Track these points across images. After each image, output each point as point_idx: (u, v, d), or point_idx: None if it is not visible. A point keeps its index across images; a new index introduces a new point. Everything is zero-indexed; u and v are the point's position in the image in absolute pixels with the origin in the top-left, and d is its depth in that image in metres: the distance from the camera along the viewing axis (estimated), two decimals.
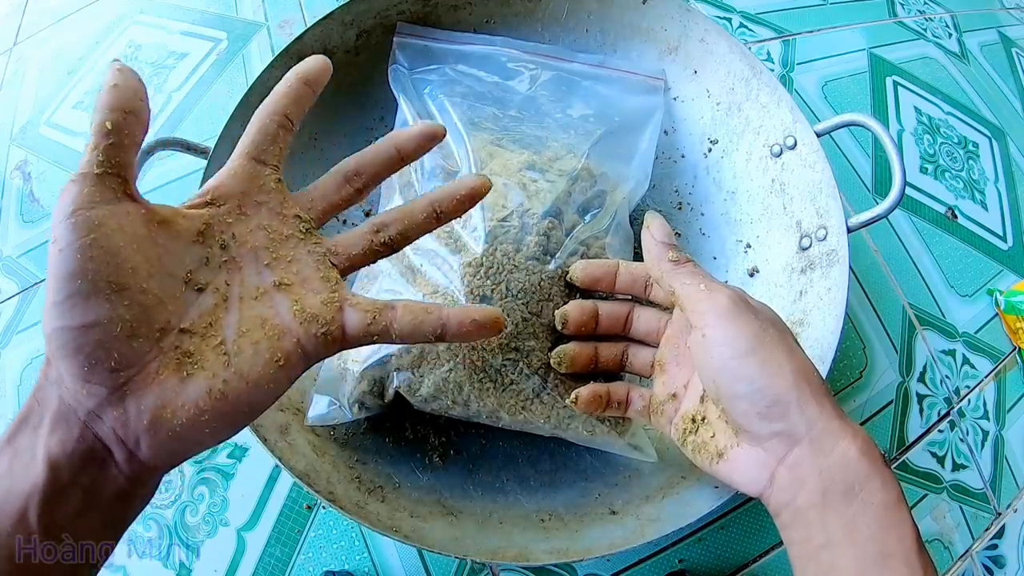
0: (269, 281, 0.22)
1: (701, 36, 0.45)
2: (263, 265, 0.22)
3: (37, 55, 0.68)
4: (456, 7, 0.46)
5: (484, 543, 0.34)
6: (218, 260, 0.22)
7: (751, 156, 0.44)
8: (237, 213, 0.22)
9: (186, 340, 0.20)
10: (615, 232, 0.39)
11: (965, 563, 0.51)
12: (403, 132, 0.26)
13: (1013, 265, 0.63)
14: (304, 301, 0.22)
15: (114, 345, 0.18)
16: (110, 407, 0.19)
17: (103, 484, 0.19)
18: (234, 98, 0.40)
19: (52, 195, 0.59)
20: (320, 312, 0.22)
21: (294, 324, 0.21)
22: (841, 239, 0.38)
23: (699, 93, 0.46)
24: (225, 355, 0.20)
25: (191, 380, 0.19)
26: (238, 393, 0.20)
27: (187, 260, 0.21)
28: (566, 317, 0.34)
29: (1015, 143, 0.70)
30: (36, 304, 0.54)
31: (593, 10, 0.47)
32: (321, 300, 0.22)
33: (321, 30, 0.42)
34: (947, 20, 0.77)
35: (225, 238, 0.22)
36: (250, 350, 0.20)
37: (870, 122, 0.38)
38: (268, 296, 0.22)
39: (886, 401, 0.54)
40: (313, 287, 0.22)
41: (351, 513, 0.32)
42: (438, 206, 0.25)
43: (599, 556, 0.33)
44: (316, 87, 0.25)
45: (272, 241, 0.23)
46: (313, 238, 0.24)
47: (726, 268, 0.44)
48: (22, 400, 0.51)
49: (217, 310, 0.21)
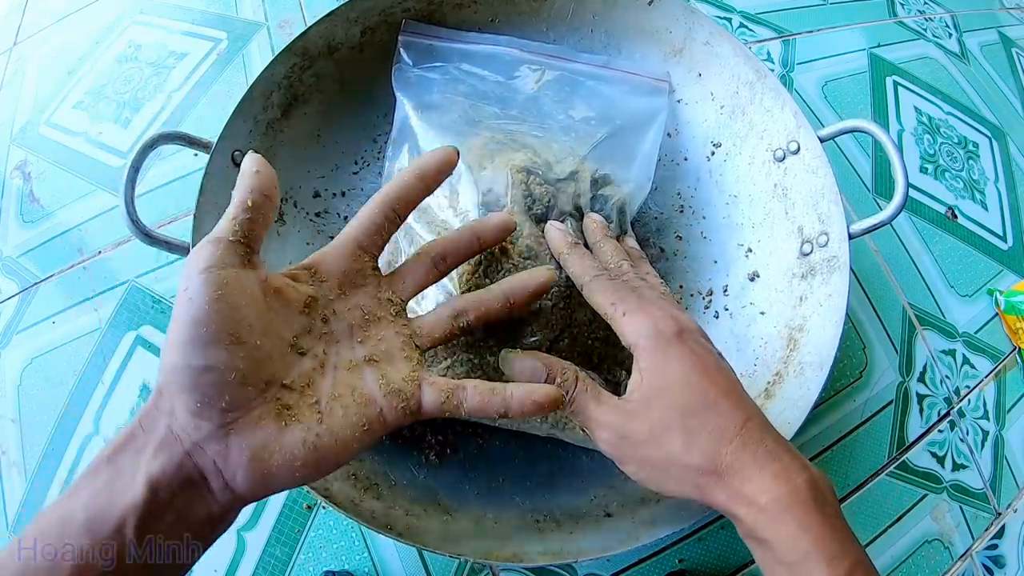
0: (361, 355, 0.25)
1: (706, 39, 0.45)
2: (356, 341, 0.25)
3: (37, 55, 0.68)
4: (461, 5, 0.46)
5: (478, 542, 0.34)
6: (319, 331, 0.25)
7: (754, 160, 0.44)
8: (338, 292, 0.26)
9: (286, 395, 0.23)
10: (615, 233, 0.39)
11: (965, 563, 0.51)
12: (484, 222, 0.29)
13: (1013, 265, 0.63)
14: (389, 376, 0.25)
15: (227, 388, 0.21)
16: (214, 442, 0.21)
17: (195, 508, 0.21)
18: (234, 98, 0.40)
19: (52, 195, 0.59)
20: (402, 388, 0.24)
21: (379, 395, 0.24)
22: (842, 245, 0.38)
23: (703, 96, 0.46)
24: (319, 413, 0.23)
25: (288, 430, 0.22)
26: (327, 448, 0.23)
27: (294, 326, 0.24)
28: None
29: (1015, 143, 0.70)
30: (36, 304, 0.54)
31: (598, 10, 0.47)
32: (403, 377, 0.25)
33: (326, 27, 0.42)
34: (947, 20, 0.77)
35: (327, 313, 0.25)
36: (340, 412, 0.23)
37: (874, 129, 0.38)
38: (359, 368, 0.25)
39: (886, 401, 0.54)
40: (397, 365, 0.25)
41: (346, 510, 0.32)
42: (511, 296, 0.29)
43: (593, 558, 0.33)
44: (431, 183, 0.28)
45: (366, 321, 0.26)
46: (401, 320, 0.27)
47: (727, 272, 0.44)
48: (22, 400, 0.51)
49: (314, 374, 0.24)
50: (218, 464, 0.21)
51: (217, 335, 0.21)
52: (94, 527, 0.20)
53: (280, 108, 0.42)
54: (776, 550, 0.24)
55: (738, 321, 0.42)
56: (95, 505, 0.20)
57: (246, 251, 0.23)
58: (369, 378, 0.24)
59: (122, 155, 0.60)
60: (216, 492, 0.22)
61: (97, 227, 0.56)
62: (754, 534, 0.25)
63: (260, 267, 0.24)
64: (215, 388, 0.21)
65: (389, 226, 0.27)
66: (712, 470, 0.26)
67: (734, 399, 0.27)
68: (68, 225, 0.57)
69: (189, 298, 0.21)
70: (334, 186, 0.45)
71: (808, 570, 0.23)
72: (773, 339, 0.40)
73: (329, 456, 0.23)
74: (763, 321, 0.41)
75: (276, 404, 0.22)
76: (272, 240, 0.42)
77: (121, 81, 0.64)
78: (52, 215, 0.58)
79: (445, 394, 0.25)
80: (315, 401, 0.23)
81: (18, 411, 0.50)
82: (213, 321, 0.21)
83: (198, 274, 0.21)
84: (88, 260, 0.55)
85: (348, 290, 0.26)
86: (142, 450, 0.21)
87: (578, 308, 0.35)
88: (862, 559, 0.24)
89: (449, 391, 0.25)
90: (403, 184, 0.27)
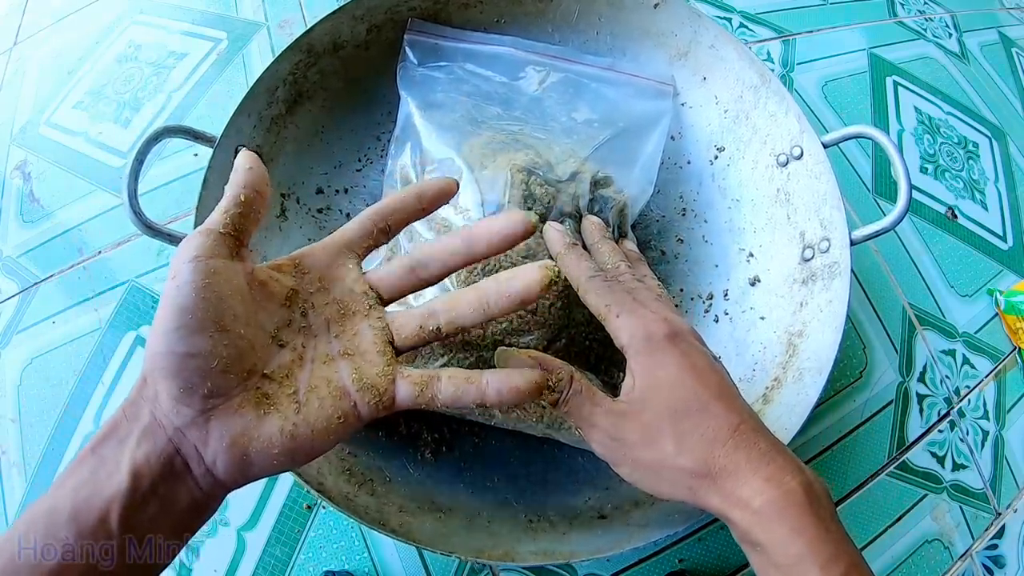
0: (337, 349, 0.25)
1: (711, 42, 0.44)
2: (333, 336, 0.26)
3: (37, 55, 0.68)
4: (467, 5, 0.46)
5: (471, 541, 0.34)
6: (298, 324, 0.25)
7: (757, 165, 0.44)
8: (319, 285, 0.26)
9: (266, 384, 0.23)
10: (615, 236, 0.39)
11: (965, 563, 0.51)
12: (474, 234, 0.27)
13: (1013, 265, 0.63)
14: (363, 371, 0.25)
15: (210, 375, 0.22)
16: (195, 428, 0.22)
17: (178, 495, 0.22)
18: (235, 98, 0.40)
19: (52, 195, 0.59)
20: (376, 383, 0.25)
21: (352, 390, 0.24)
22: (844, 252, 0.38)
23: (707, 99, 0.46)
24: (296, 403, 0.23)
25: (267, 418, 0.23)
26: (304, 437, 0.23)
27: (275, 319, 0.25)
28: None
29: (1015, 143, 0.70)
30: (36, 304, 0.54)
31: (604, 12, 0.47)
32: (377, 372, 0.25)
33: (331, 24, 0.42)
34: (947, 20, 0.77)
35: (306, 306, 0.26)
36: (316, 403, 0.24)
37: (878, 135, 0.38)
38: (335, 362, 0.25)
39: (886, 401, 0.54)
40: (371, 360, 0.25)
41: (339, 505, 0.32)
42: (485, 301, 0.27)
43: (584, 559, 0.33)
44: (428, 207, 0.28)
45: (342, 315, 0.26)
46: (376, 313, 0.26)
47: (727, 276, 0.44)
48: (22, 400, 0.51)
49: (293, 365, 0.24)
50: (199, 449, 0.22)
51: (202, 323, 0.21)
52: (79, 517, 0.20)
53: (284, 104, 0.43)
54: (770, 553, 0.24)
55: (738, 325, 0.42)
56: (80, 495, 0.21)
57: (235, 243, 0.23)
58: (344, 372, 0.25)
59: (122, 155, 0.60)
60: (198, 478, 0.22)
61: (97, 227, 0.56)
62: (748, 537, 0.25)
63: (247, 260, 0.24)
64: (198, 375, 0.21)
65: (379, 235, 0.27)
66: (705, 473, 0.26)
67: (727, 401, 0.27)
68: (68, 225, 0.57)
69: (177, 286, 0.21)
70: (337, 183, 0.45)
71: (802, 573, 0.23)
72: (772, 344, 0.40)
73: (305, 445, 0.23)
74: (763, 326, 0.41)
75: (256, 393, 0.23)
76: (274, 235, 0.42)
77: (121, 81, 0.64)
78: (52, 215, 0.58)
79: (419, 387, 0.25)
80: (293, 392, 0.24)
81: (18, 411, 0.50)
82: (199, 309, 0.21)
83: (187, 263, 0.22)
84: (88, 260, 0.55)
85: (328, 284, 0.26)
86: (126, 439, 0.21)
87: (576, 308, 0.35)
88: (857, 562, 0.24)
89: (423, 384, 0.25)
90: (400, 201, 0.27)
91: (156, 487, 0.21)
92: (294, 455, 0.23)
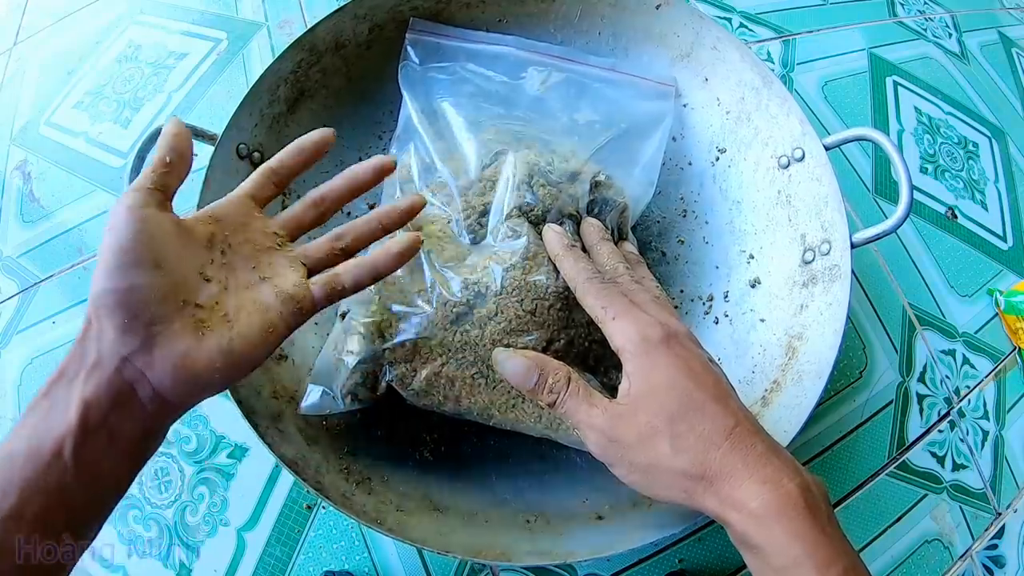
0: (256, 276, 0.29)
1: (713, 44, 0.44)
2: (251, 267, 0.29)
3: (37, 55, 0.68)
4: (469, 4, 0.46)
5: (468, 540, 0.34)
6: (219, 261, 0.28)
7: (758, 166, 0.44)
8: (232, 229, 0.30)
9: (200, 312, 0.26)
10: (614, 238, 0.39)
11: (965, 563, 0.51)
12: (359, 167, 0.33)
13: (1013, 265, 0.63)
14: (282, 286, 0.28)
15: (150, 304, 0.24)
16: (141, 354, 0.24)
17: (127, 424, 0.24)
18: (235, 98, 0.40)
19: (52, 195, 0.59)
20: (294, 293, 0.28)
21: (275, 302, 0.28)
22: (844, 255, 0.38)
23: (709, 101, 0.46)
24: (229, 322, 0.26)
25: (205, 339, 0.25)
26: (240, 350, 0.26)
27: (200, 258, 0.28)
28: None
29: (1015, 143, 0.70)
30: (36, 304, 0.54)
31: (606, 13, 0.47)
32: (293, 284, 0.29)
33: (334, 23, 0.42)
34: (947, 20, 0.77)
35: (224, 247, 0.29)
36: (246, 320, 0.27)
37: (880, 138, 0.38)
38: (256, 286, 0.28)
39: (886, 401, 0.54)
40: (288, 276, 0.29)
41: (337, 503, 0.32)
42: (383, 219, 0.32)
43: (581, 560, 0.33)
44: (309, 157, 0.32)
45: (256, 251, 0.30)
46: (286, 248, 0.31)
47: (728, 278, 0.44)
48: (22, 400, 0.51)
49: (221, 294, 0.27)
50: (146, 373, 0.24)
51: (140, 259, 0.24)
52: (34, 456, 0.22)
53: (286, 103, 0.43)
54: (767, 556, 0.24)
55: (738, 327, 0.42)
56: (35, 436, 0.23)
57: (162, 197, 0.27)
58: (265, 291, 0.28)
59: (122, 155, 0.60)
60: (146, 404, 0.24)
61: (97, 227, 0.56)
62: (745, 540, 0.25)
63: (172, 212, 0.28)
64: (140, 304, 0.24)
65: (273, 187, 0.31)
66: (701, 475, 0.26)
67: (723, 403, 0.27)
68: (68, 225, 0.57)
69: (115, 230, 0.25)
70: None
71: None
72: (772, 347, 0.40)
73: (244, 358, 0.26)
74: (763, 328, 0.41)
75: (192, 319, 0.26)
76: None
77: (121, 81, 0.64)
78: (52, 215, 0.58)
79: (328, 286, 0.29)
80: (224, 314, 0.27)
81: (18, 411, 0.50)
82: (136, 247, 0.24)
83: (123, 211, 0.25)
84: (88, 260, 0.55)
85: (240, 228, 0.30)
86: (74, 379, 0.23)
87: (575, 309, 0.35)
88: (855, 564, 0.24)
89: (329, 282, 0.29)
90: (286, 154, 0.31)
91: (106, 418, 0.23)
92: (236, 367, 0.26)
